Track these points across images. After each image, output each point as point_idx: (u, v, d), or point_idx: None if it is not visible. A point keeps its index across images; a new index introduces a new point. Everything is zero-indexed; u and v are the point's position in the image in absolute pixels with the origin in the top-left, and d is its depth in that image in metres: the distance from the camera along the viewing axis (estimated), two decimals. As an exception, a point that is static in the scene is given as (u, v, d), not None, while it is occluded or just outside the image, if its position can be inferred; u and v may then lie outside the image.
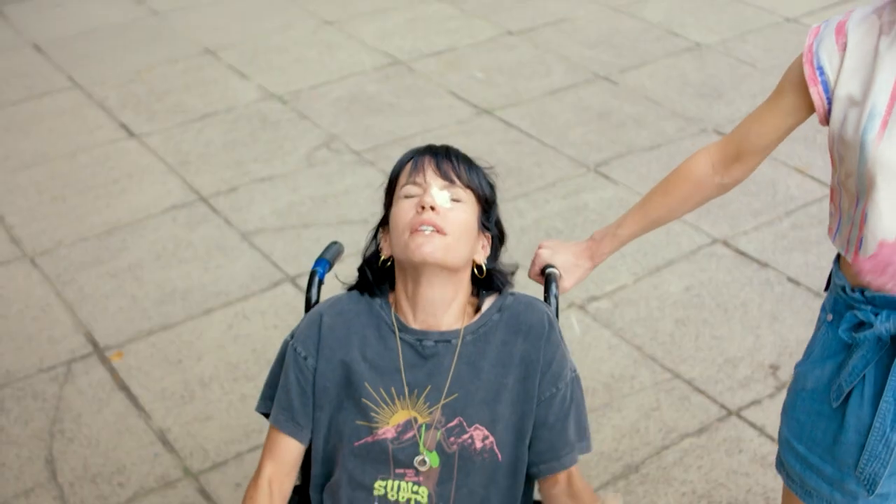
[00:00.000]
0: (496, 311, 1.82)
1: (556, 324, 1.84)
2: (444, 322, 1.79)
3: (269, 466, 1.81)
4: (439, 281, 1.76)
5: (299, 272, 3.77)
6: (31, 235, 4.04)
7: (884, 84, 1.62)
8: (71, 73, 5.39)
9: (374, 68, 5.41)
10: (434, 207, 1.73)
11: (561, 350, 1.81)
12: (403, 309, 1.81)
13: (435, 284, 1.77)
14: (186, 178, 4.42)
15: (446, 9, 6.16)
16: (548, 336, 1.80)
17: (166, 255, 3.90)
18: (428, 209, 1.73)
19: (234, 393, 3.23)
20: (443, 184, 1.78)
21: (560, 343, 1.81)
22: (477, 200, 1.82)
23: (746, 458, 2.95)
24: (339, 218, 4.10)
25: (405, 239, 1.74)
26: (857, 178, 1.65)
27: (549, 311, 1.86)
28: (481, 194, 1.83)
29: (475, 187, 1.81)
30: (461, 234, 1.76)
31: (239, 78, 5.33)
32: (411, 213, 1.75)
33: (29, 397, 3.22)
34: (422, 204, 1.74)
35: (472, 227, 1.80)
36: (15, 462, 2.98)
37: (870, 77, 1.64)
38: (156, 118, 4.93)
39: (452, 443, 1.76)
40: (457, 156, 1.83)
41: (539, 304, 1.86)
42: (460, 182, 1.79)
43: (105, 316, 3.58)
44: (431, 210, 1.73)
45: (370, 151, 4.59)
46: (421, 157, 1.81)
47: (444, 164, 1.80)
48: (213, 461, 2.98)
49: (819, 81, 1.70)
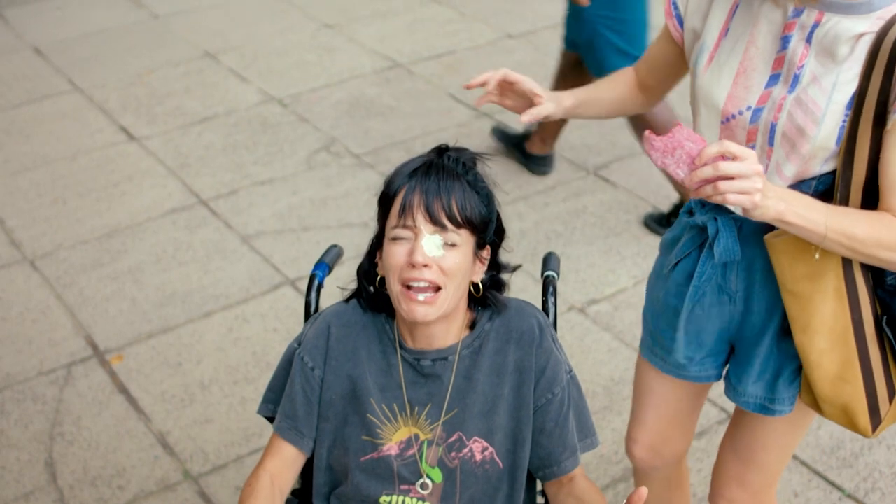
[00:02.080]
0: (488, 319, 1.81)
1: (547, 328, 1.82)
2: (442, 340, 1.77)
3: (270, 464, 1.81)
4: (435, 323, 1.74)
5: (299, 275, 3.77)
6: (31, 238, 4.04)
7: (715, 22, 1.82)
8: (71, 76, 5.39)
9: (373, 71, 5.41)
10: (427, 265, 1.66)
11: (554, 355, 1.80)
12: (402, 327, 1.79)
13: (431, 325, 1.74)
14: (186, 180, 4.42)
15: (446, 12, 6.17)
16: (539, 342, 1.79)
17: (166, 258, 3.90)
18: (420, 267, 1.66)
19: (234, 396, 3.23)
20: (433, 229, 1.67)
21: (553, 348, 1.80)
22: (472, 232, 1.72)
23: (746, 461, 2.95)
24: (339, 221, 4.10)
25: (397, 293, 1.69)
26: (691, 103, 1.89)
27: (540, 316, 1.83)
28: (477, 224, 1.72)
29: (469, 222, 1.71)
30: (455, 279, 1.69)
31: (239, 81, 5.33)
32: (402, 259, 1.68)
33: (29, 400, 3.23)
34: (412, 262, 1.66)
35: (468, 263, 1.72)
36: (15, 465, 2.98)
37: (707, 15, 1.84)
38: (156, 121, 4.93)
39: (454, 458, 1.77)
40: (448, 190, 1.69)
41: (529, 309, 1.84)
42: (452, 225, 1.68)
43: (105, 319, 3.58)
44: (424, 267, 1.66)
45: (370, 154, 4.60)
46: (411, 195, 1.68)
47: (434, 204, 1.67)
48: (213, 464, 2.98)
49: (674, 15, 1.92)
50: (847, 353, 1.82)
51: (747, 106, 1.76)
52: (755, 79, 1.76)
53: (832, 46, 1.66)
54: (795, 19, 1.70)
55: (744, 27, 1.78)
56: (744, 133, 1.77)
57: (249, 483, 1.78)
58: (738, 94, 1.77)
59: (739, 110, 1.77)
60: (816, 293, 1.78)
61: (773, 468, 2.10)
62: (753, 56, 1.76)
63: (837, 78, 1.66)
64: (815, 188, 1.75)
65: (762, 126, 1.74)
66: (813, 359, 1.83)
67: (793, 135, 1.70)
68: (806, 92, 1.68)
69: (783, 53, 1.72)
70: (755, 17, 1.76)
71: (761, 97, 1.75)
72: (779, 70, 1.73)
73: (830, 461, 2.96)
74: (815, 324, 1.81)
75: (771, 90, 1.74)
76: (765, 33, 1.75)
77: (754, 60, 1.76)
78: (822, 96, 1.67)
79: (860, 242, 1.65)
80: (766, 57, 1.75)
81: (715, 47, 1.81)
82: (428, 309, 1.68)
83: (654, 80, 2.06)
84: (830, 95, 1.66)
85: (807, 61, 1.69)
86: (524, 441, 1.78)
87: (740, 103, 1.77)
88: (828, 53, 1.67)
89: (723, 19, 1.81)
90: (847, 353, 1.82)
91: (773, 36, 1.74)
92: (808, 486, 2.90)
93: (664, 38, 1.98)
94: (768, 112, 1.73)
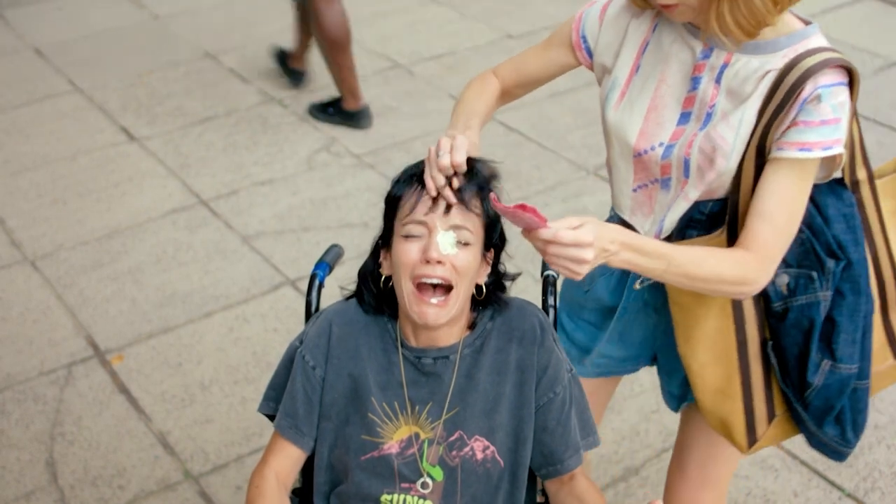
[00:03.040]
0: (489, 319, 1.82)
1: (548, 327, 1.83)
2: (444, 339, 1.78)
3: (274, 462, 1.82)
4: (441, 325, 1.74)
5: (299, 275, 3.78)
6: (31, 239, 4.04)
7: (626, 59, 1.86)
8: (72, 76, 5.40)
9: (374, 72, 5.41)
10: (441, 261, 1.67)
11: (555, 354, 1.81)
12: (405, 326, 1.79)
13: (437, 327, 1.75)
14: (187, 181, 4.42)
15: (446, 13, 6.17)
16: (541, 341, 1.79)
17: (166, 259, 3.91)
18: (434, 263, 1.67)
19: (234, 396, 3.23)
20: (449, 225, 1.69)
21: (554, 347, 1.81)
22: (483, 227, 1.73)
23: (746, 461, 2.95)
24: (340, 221, 4.11)
25: (409, 292, 1.70)
26: (604, 136, 1.93)
27: (541, 315, 1.84)
28: (487, 221, 1.73)
29: (482, 218, 1.72)
30: (466, 278, 1.71)
31: (239, 81, 5.34)
32: (415, 256, 1.68)
33: (30, 400, 3.23)
34: (426, 258, 1.67)
35: (477, 263, 1.74)
36: (16, 465, 2.99)
37: (618, 52, 1.88)
38: (156, 122, 4.93)
39: (455, 456, 1.77)
40: (460, 188, 1.69)
41: (530, 308, 1.85)
42: (468, 224, 1.69)
43: (105, 319, 3.59)
44: (438, 263, 1.67)
45: (370, 155, 4.60)
46: (424, 193, 1.70)
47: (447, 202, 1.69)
48: (214, 464, 2.99)
49: (583, 48, 1.95)
50: (730, 369, 1.86)
51: (659, 142, 1.80)
52: (666, 116, 1.80)
53: (741, 86, 1.72)
54: (705, 60, 1.75)
55: (654, 66, 1.82)
56: (657, 167, 1.82)
57: (256, 483, 1.79)
58: (649, 131, 1.81)
59: (652, 146, 1.81)
60: (700, 307, 1.83)
61: (723, 482, 2.14)
62: (664, 94, 1.80)
63: (744, 114, 1.71)
64: (711, 209, 1.82)
65: (675, 161, 1.78)
66: (695, 369, 1.88)
67: (705, 167, 1.75)
68: (715, 128, 1.73)
69: (694, 93, 1.77)
70: (666, 56, 1.80)
71: (674, 133, 1.79)
72: (689, 108, 1.78)
73: (830, 461, 2.96)
74: (697, 335, 1.85)
75: (683, 127, 1.78)
76: (675, 72, 1.79)
77: (665, 98, 1.80)
78: (730, 132, 1.72)
79: (703, 281, 1.71)
80: (677, 95, 1.79)
81: (626, 84, 1.85)
82: (439, 312, 1.68)
83: (523, 91, 2.09)
84: (737, 130, 1.71)
85: (717, 100, 1.74)
86: (526, 440, 1.79)
87: (652, 139, 1.81)
88: (736, 92, 1.73)
89: (633, 57, 1.85)
90: (730, 369, 1.86)
91: (683, 75, 1.79)
92: (808, 485, 2.90)
93: (555, 58, 2.01)
94: (680, 148, 1.77)
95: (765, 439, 1.91)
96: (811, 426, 1.87)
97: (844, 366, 1.80)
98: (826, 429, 1.86)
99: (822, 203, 1.79)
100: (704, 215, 1.83)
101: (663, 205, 1.85)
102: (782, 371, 1.84)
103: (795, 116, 1.66)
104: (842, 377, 1.80)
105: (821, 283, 1.78)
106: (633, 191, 1.90)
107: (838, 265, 1.78)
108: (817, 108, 1.64)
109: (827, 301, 1.79)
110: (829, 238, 1.78)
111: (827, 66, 1.65)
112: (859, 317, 1.80)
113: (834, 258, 1.78)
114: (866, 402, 1.88)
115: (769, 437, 1.91)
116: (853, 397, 1.85)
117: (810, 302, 1.78)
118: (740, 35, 1.66)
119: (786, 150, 1.67)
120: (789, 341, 1.81)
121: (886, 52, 5.59)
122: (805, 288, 1.78)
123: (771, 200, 1.70)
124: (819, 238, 1.78)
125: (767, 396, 1.87)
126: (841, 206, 1.80)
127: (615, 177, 1.93)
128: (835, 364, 1.79)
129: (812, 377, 1.79)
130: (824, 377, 1.80)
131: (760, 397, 1.87)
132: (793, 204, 1.71)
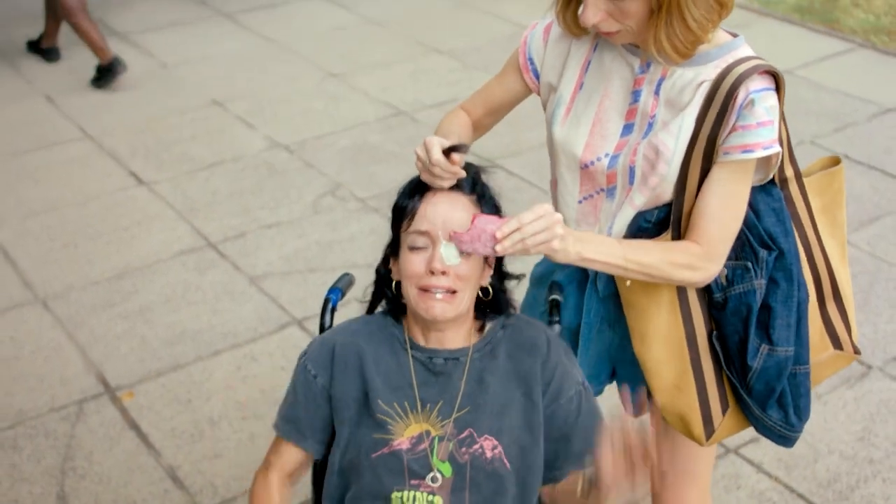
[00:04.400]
0: (500, 328, 1.91)
1: (556, 341, 1.92)
2: (453, 341, 1.87)
3: (276, 463, 1.93)
4: (449, 323, 1.84)
5: (306, 315, 3.85)
6: (43, 280, 4.12)
7: (571, 78, 2.00)
8: (81, 123, 5.51)
9: (377, 119, 5.53)
10: (445, 272, 1.78)
11: (561, 367, 1.88)
12: (414, 329, 1.89)
13: (444, 326, 1.85)
14: (195, 224, 4.51)
15: (448, 62, 6.31)
16: (546, 355, 1.88)
17: (176, 299, 3.98)
18: (438, 274, 1.78)
19: (242, 431, 3.29)
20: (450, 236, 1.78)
21: (561, 360, 1.89)
22: None
23: (745, 495, 3.00)
24: (345, 263, 4.18)
25: (414, 295, 1.81)
26: (549, 149, 2.07)
27: (549, 332, 1.94)
28: None
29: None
30: (470, 283, 1.82)
31: (246, 128, 5.45)
32: (420, 268, 1.79)
33: (41, 436, 3.29)
34: (431, 269, 1.77)
35: (479, 268, 1.85)
36: (28, 498, 3.04)
37: (562, 72, 2.01)
38: (164, 167, 5.03)
39: (464, 453, 1.83)
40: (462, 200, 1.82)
41: (539, 323, 1.96)
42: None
43: (116, 357, 3.65)
44: (442, 274, 1.78)
45: (374, 199, 4.69)
46: (427, 205, 1.81)
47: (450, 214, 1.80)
48: (223, 497, 3.04)
49: (530, 69, 2.09)
50: (682, 364, 1.97)
51: (605, 153, 1.95)
52: (610, 128, 1.95)
53: (678, 96, 1.87)
54: (643, 75, 1.91)
55: (597, 82, 1.97)
56: (603, 177, 1.96)
57: (261, 483, 1.91)
58: (594, 143, 1.95)
59: (598, 157, 1.95)
60: (652, 304, 1.96)
61: (703, 476, 2.23)
62: (608, 108, 1.95)
63: (682, 122, 1.85)
64: (657, 217, 1.94)
65: (621, 169, 1.93)
66: (650, 367, 2.00)
67: (648, 173, 1.88)
68: (657, 136, 1.87)
69: (635, 106, 1.92)
70: (607, 73, 1.95)
71: (618, 144, 1.93)
72: (632, 120, 1.93)
73: (827, 494, 3.02)
74: (651, 333, 1.97)
75: (627, 138, 1.92)
76: (617, 88, 1.94)
77: (609, 112, 1.95)
78: (671, 139, 1.86)
79: (655, 268, 1.85)
80: (620, 108, 1.94)
81: (571, 100, 2.00)
82: (446, 306, 1.79)
83: (492, 119, 2.23)
84: (678, 137, 1.86)
85: (658, 111, 1.89)
86: (534, 445, 1.85)
87: (598, 151, 1.95)
88: (675, 101, 1.87)
89: (577, 75, 2.00)
90: (682, 364, 1.97)
91: (624, 90, 1.93)
92: (806, 518, 2.95)
93: (510, 84, 2.16)
94: (625, 157, 1.91)
95: (721, 430, 2.02)
96: (756, 410, 1.99)
97: (781, 349, 1.93)
98: (770, 412, 1.99)
99: (753, 199, 1.93)
100: (651, 223, 1.95)
101: (608, 213, 1.98)
102: (726, 359, 1.97)
103: (735, 122, 1.81)
104: (779, 360, 1.93)
105: (755, 273, 1.92)
106: (579, 202, 2.03)
107: (770, 255, 1.92)
108: (752, 112, 1.80)
109: (762, 289, 1.93)
110: (761, 230, 1.93)
111: (755, 72, 1.81)
112: (793, 303, 1.94)
113: (766, 248, 1.92)
114: (807, 388, 2.01)
115: (725, 427, 2.02)
116: (793, 382, 1.98)
117: (746, 290, 1.92)
118: (676, 57, 1.81)
119: (731, 154, 1.82)
120: (730, 329, 1.95)
121: (880, 98, 5.71)
122: (742, 278, 1.92)
123: (716, 200, 1.85)
124: (752, 231, 1.93)
125: (720, 388, 2.00)
126: (770, 202, 1.95)
127: (560, 190, 2.06)
128: (772, 347, 1.93)
129: (752, 360, 1.93)
130: (763, 360, 1.93)
131: (713, 389, 1.99)
132: (736, 203, 1.87)
